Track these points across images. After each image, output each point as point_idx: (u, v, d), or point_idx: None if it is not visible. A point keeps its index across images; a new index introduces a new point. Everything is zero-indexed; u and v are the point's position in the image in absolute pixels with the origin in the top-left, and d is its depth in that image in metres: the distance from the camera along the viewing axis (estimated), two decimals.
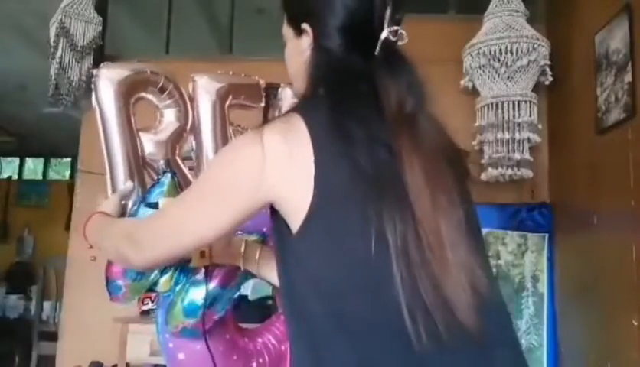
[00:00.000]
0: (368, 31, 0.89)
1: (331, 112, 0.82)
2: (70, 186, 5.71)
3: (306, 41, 0.93)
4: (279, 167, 0.81)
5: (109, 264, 1.23)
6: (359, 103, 0.84)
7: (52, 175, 8.58)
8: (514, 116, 2.96)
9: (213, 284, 1.26)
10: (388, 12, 0.88)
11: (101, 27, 3.34)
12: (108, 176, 1.31)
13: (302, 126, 0.81)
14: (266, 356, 1.43)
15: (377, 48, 0.88)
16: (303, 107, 0.87)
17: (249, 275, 1.35)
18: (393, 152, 0.81)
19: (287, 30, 0.99)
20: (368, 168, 0.78)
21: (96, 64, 3.32)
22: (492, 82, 3.00)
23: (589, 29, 2.78)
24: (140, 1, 4.38)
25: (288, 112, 0.89)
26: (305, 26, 0.93)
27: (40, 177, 8.52)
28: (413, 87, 0.87)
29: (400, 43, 0.90)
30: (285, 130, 0.82)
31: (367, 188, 0.78)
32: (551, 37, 3.08)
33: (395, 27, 0.88)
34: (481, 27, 3.08)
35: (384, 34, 0.88)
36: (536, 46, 2.93)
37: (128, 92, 1.34)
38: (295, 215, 0.80)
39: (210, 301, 1.25)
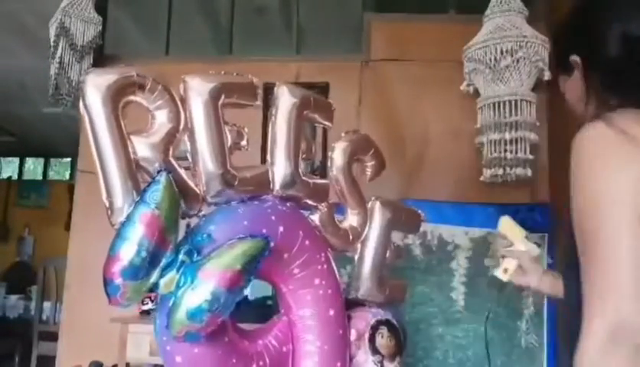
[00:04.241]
0: None
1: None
2: (70, 186, 5.71)
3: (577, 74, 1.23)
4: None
5: (108, 262, 1.17)
6: None
7: (52, 175, 8.57)
8: (504, 116, 2.95)
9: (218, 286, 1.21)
10: None
11: (101, 27, 3.33)
12: (101, 182, 1.29)
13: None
14: (267, 358, 1.40)
15: None
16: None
17: (254, 277, 1.32)
18: None
19: (563, 78, 1.32)
20: None
21: (96, 64, 3.34)
22: (486, 83, 3.01)
23: None
24: (140, 1, 4.37)
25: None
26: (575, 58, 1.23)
27: (40, 177, 8.51)
28: None
29: None
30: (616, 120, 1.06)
31: None
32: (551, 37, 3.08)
33: None
34: (481, 28, 3.07)
35: None
36: (522, 44, 2.91)
37: (116, 96, 1.32)
38: None
39: (216, 305, 1.19)
